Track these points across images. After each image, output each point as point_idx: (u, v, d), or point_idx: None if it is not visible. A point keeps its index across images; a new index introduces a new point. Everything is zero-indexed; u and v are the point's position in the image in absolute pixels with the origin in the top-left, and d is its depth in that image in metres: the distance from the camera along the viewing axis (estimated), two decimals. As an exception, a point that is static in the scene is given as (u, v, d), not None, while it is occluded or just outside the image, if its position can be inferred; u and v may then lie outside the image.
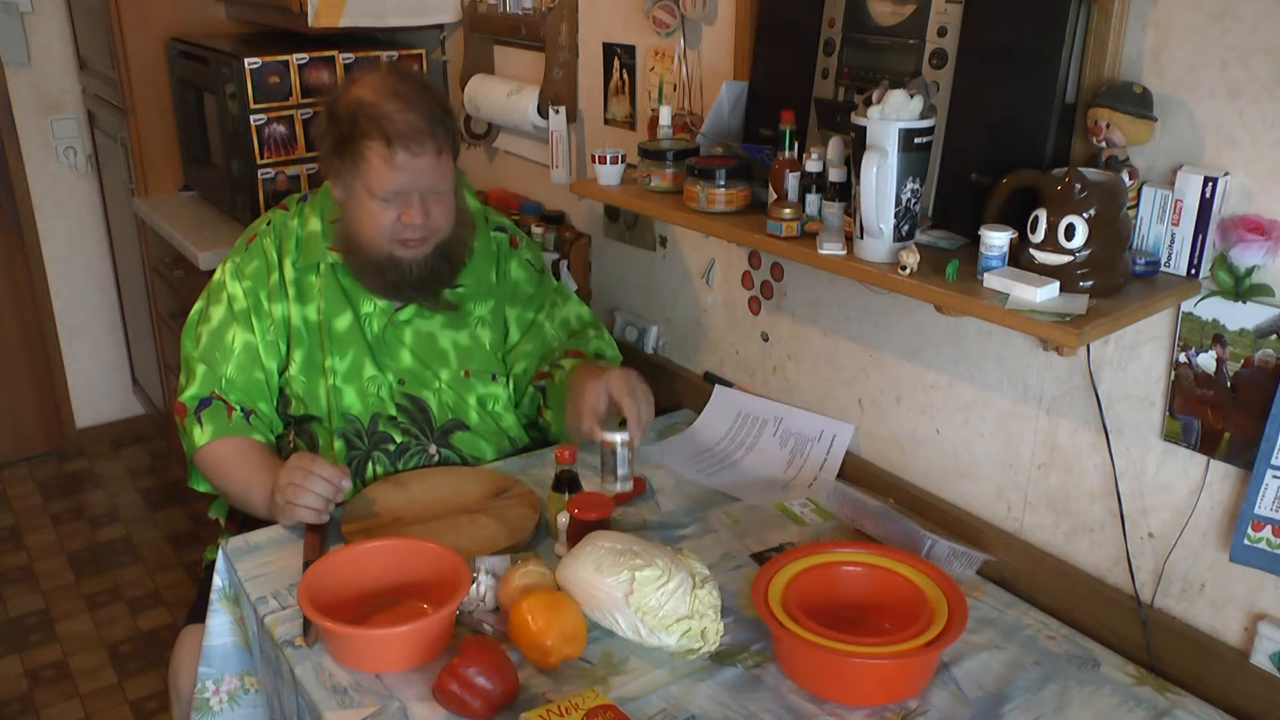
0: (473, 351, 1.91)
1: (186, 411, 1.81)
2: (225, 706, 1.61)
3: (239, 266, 1.87)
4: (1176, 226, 1.30)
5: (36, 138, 3.63)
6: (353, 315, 1.85)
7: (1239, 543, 1.31)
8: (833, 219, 1.51)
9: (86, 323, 3.89)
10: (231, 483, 1.78)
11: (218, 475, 1.80)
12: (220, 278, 1.89)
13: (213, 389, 1.81)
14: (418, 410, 1.88)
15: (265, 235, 1.89)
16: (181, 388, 1.85)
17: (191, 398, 1.82)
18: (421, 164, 1.71)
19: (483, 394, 1.92)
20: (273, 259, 1.86)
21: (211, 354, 1.83)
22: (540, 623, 1.35)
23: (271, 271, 1.85)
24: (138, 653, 2.86)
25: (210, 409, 1.80)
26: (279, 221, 1.90)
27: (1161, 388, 1.38)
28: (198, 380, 1.82)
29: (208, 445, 1.79)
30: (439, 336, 1.90)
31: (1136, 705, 1.33)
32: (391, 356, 1.87)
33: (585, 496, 1.59)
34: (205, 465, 1.81)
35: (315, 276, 1.85)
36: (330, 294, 1.85)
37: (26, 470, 3.83)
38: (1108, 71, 1.33)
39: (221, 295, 1.86)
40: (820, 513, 1.75)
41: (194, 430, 1.79)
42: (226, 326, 1.84)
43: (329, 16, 2.59)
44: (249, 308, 1.84)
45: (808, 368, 1.92)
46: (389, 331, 1.87)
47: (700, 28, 1.95)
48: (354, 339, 1.85)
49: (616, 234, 2.30)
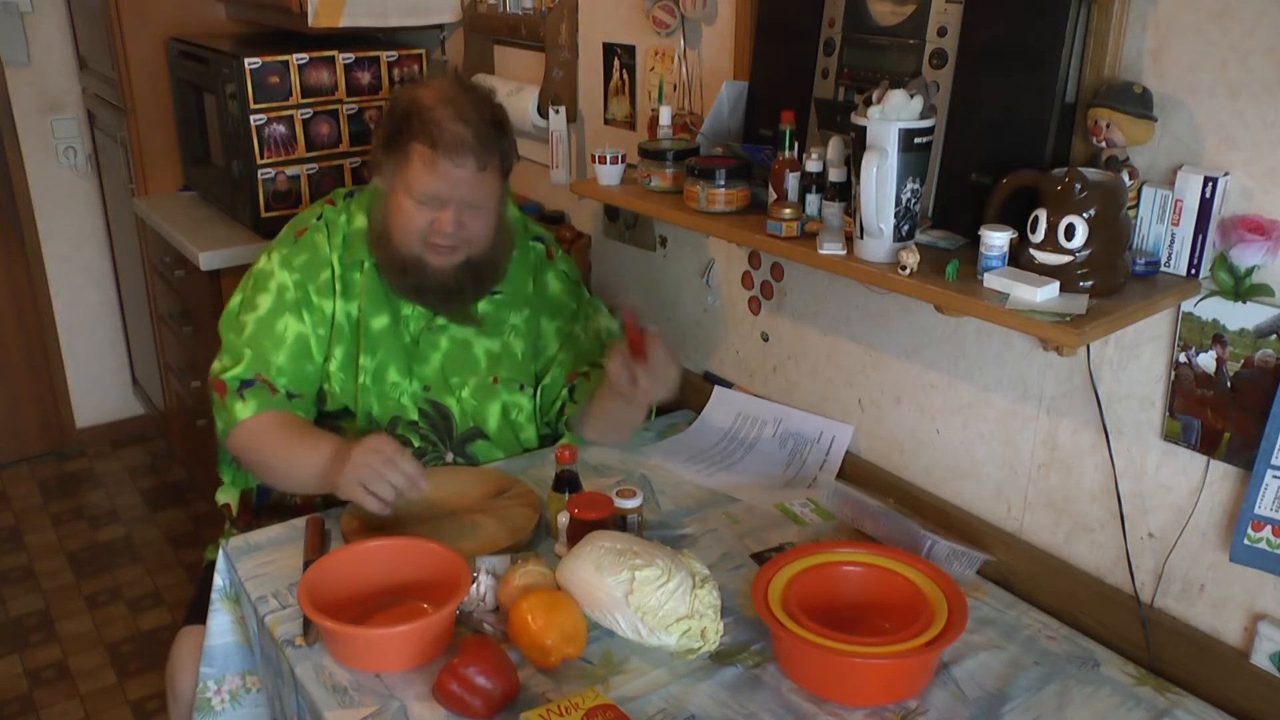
0: (503, 359, 1.92)
1: (227, 389, 1.77)
2: (227, 706, 1.62)
3: (287, 258, 1.84)
4: (1176, 226, 1.30)
5: (36, 138, 3.63)
6: (390, 317, 1.85)
7: (1239, 543, 1.31)
8: (833, 219, 1.51)
9: (86, 323, 3.89)
10: (276, 453, 1.74)
11: (260, 447, 1.75)
12: (266, 267, 1.85)
13: (259, 372, 1.78)
14: (439, 417, 1.88)
15: (316, 230, 1.87)
16: (223, 368, 1.79)
17: (234, 377, 1.77)
18: (461, 175, 1.72)
19: (507, 402, 1.92)
20: (324, 254, 1.84)
21: (260, 341, 1.79)
22: (540, 622, 1.35)
23: (323, 267, 1.84)
24: (138, 653, 2.86)
25: (254, 388, 1.77)
26: (328, 218, 1.88)
27: (1161, 388, 1.38)
28: (245, 363, 1.78)
29: (251, 418, 1.75)
30: (474, 344, 1.90)
31: (1136, 705, 1.33)
32: (423, 362, 1.87)
33: (585, 496, 1.59)
34: (245, 438, 1.76)
35: (359, 274, 1.85)
36: (372, 293, 1.84)
37: (26, 470, 3.83)
38: (1108, 71, 1.33)
39: (269, 284, 1.83)
40: (820, 513, 1.75)
41: (235, 405, 1.75)
42: (277, 315, 1.81)
43: (329, 16, 2.59)
44: (300, 299, 1.82)
45: (808, 368, 1.92)
46: (425, 336, 1.86)
47: (700, 28, 1.95)
48: (385, 341, 1.84)
49: (616, 234, 2.30)
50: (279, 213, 2.74)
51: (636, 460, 1.91)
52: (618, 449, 1.94)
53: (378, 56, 2.77)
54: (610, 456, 1.92)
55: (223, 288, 2.77)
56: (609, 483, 1.80)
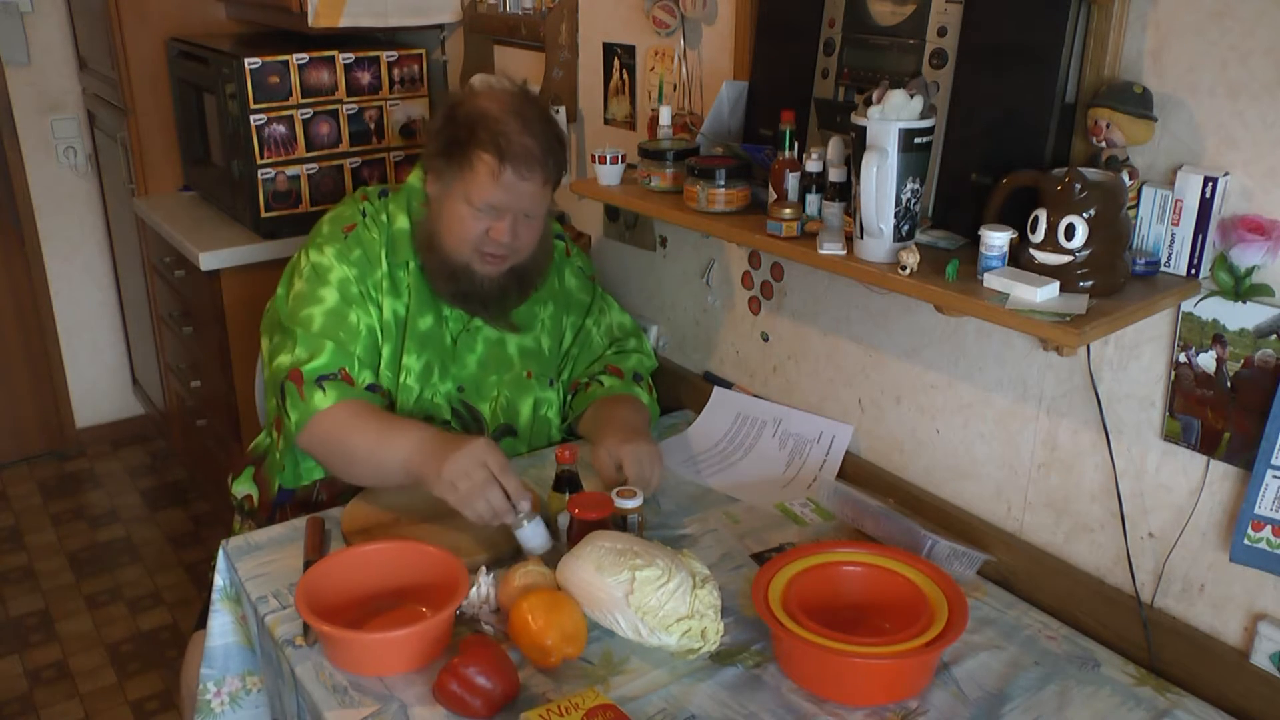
0: (536, 354, 1.94)
1: (305, 380, 1.71)
2: (227, 708, 1.61)
3: (343, 253, 1.80)
4: (1176, 226, 1.30)
5: (36, 138, 3.63)
6: (434, 317, 1.85)
7: (1239, 543, 1.31)
8: (833, 219, 1.51)
9: (86, 323, 3.89)
10: (361, 441, 1.67)
11: (342, 436, 1.69)
12: (323, 261, 1.80)
13: (343, 366, 1.74)
14: (471, 419, 1.89)
15: (366, 228, 1.84)
16: (299, 360, 1.72)
17: (314, 369, 1.72)
18: (526, 188, 1.73)
19: (539, 398, 1.95)
20: (378, 252, 1.83)
21: (336, 333, 1.75)
22: (540, 622, 1.35)
23: (376, 265, 1.83)
24: (138, 653, 2.86)
25: (333, 380, 1.72)
26: (372, 214, 1.86)
27: (1161, 388, 1.38)
28: (327, 355, 1.72)
29: (332, 407, 1.70)
30: (507, 342, 1.91)
31: (1137, 705, 1.33)
32: (459, 363, 1.88)
33: (585, 496, 1.59)
34: (326, 427, 1.70)
35: (405, 274, 1.84)
36: (419, 293, 1.84)
37: (26, 470, 3.83)
38: (1108, 71, 1.33)
39: (330, 277, 1.79)
40: (820, 513, 1.75)
41: (314, 395, 1.70)
42: (346, 308, 1.78)
43: (329, 16, 2.59)
44: (362, 294, 1.80)
45: (807, 368, 1.92)
46: (462, 338, 1.87)
47: (700, 28, 1.95)
48: (429, 342, 1.85)
49: (616, 234, 2.30)
50: (279, 213, 2.74)
51: (636, 460, 1.91)
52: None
53: (378, 56, 2.77)
54: (610, 456, 1.92)
55: (223, 288, 2.77)
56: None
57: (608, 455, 1.72)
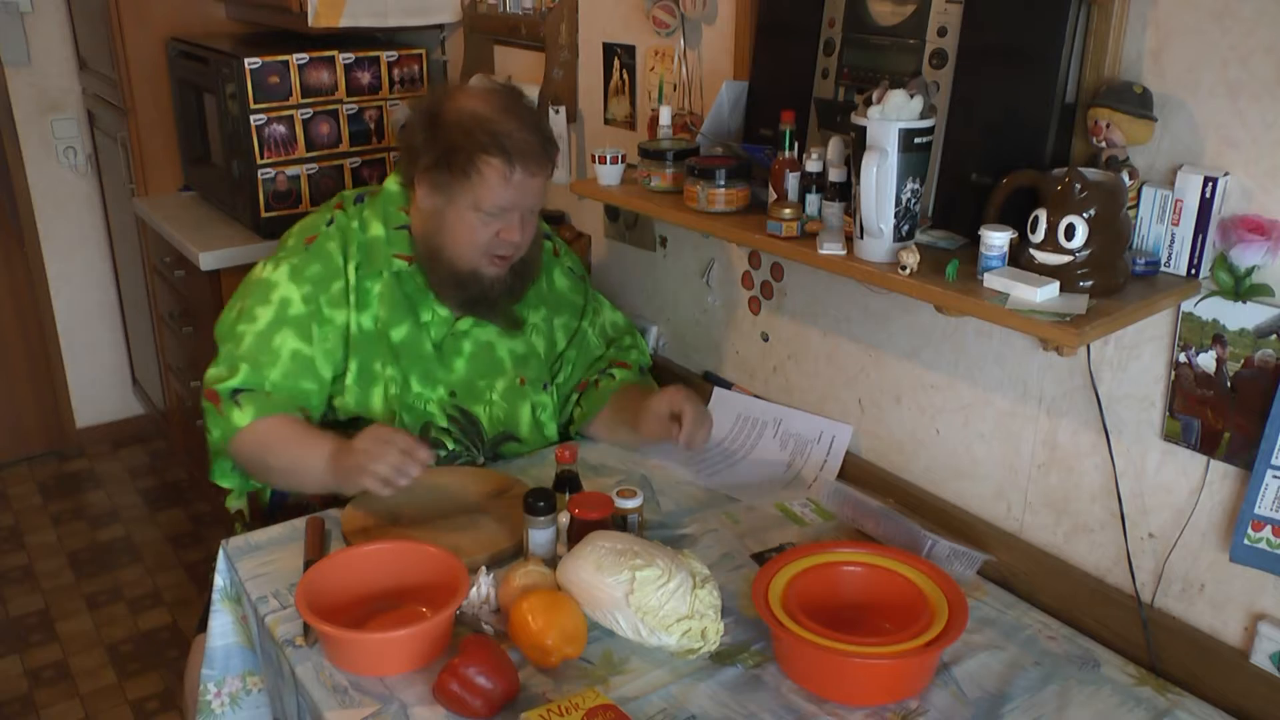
0: (528, 359, 1.92)
1: (221, 397, 1.73)
2: (227, 709, 1.61)
3: (297, 269, 1.79)
4: (1176, 226, 1.30)
5: (36, 138, 3.62)
6: (411, 325, 1.82)
7: (1239, 543, 1.31)
8: (833, 219, 1.51)
9: (86, 323, 3.89)
10: (281, 456, 1.70)
11: (263, 452, 1.72)
12: (270, 278, 1.80)
13: (254, 387, 1.74)
14: (468, 423, 1.87)
15: (329, 238, 1.81)
16: (217, 378, 1.75)
17: (228, 388, 1.73)
18: (534, 185, 1.72)
19: (535, 402, 1.92)
20: (337, 264, 1.80)
21: (256, 356, 1.75)
22: (540, 622, 1.35)
23: (335, 278, 1.79)
24: (138, 653, 2.85)
25: (248, 394, 1.73)
26: (340, 224, 1.83)
27: (1161, 388, 1.38)
28: (240, 377, 1.73)
29: (251, 424, 1.71)
30: (497, 346, 1.89)
31: (1137, 705, 1.33)
32: (447, 368, 1.85)
33: (585, 496, 1.59)
34: (247, 444, 1.72)
35: (376, 283, 1.81)
36: (391, 302, 1.81)
37: (26, 470, 3.83)
38: (1108, 71, 1.33)
39: (271, 296, 1.78)
40: (820, 513, 1.75)
41: (232, 413, 1.71)
42: (275, 330, 1.76)
43: (329, 16, 2.59)
44: (308, 314, 1.77)
45: (808, 368, 1.92)
46: (448, 341, 1.85)
47: (700, 28, 1.95)
48: (407, 351, 1.82)
49: (616, 234, 2.30)
50: (279, 213, 2.74)
51: (636, 460, 1.91)
52: (618, 449, 1.94)
53: (378, 56, 2.78)
54: (610, 456, 1.92)
55: (223, 288, 2.76)
56: (609, 483, 1.80)
57: (667, 404, 1.74)
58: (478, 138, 1.68)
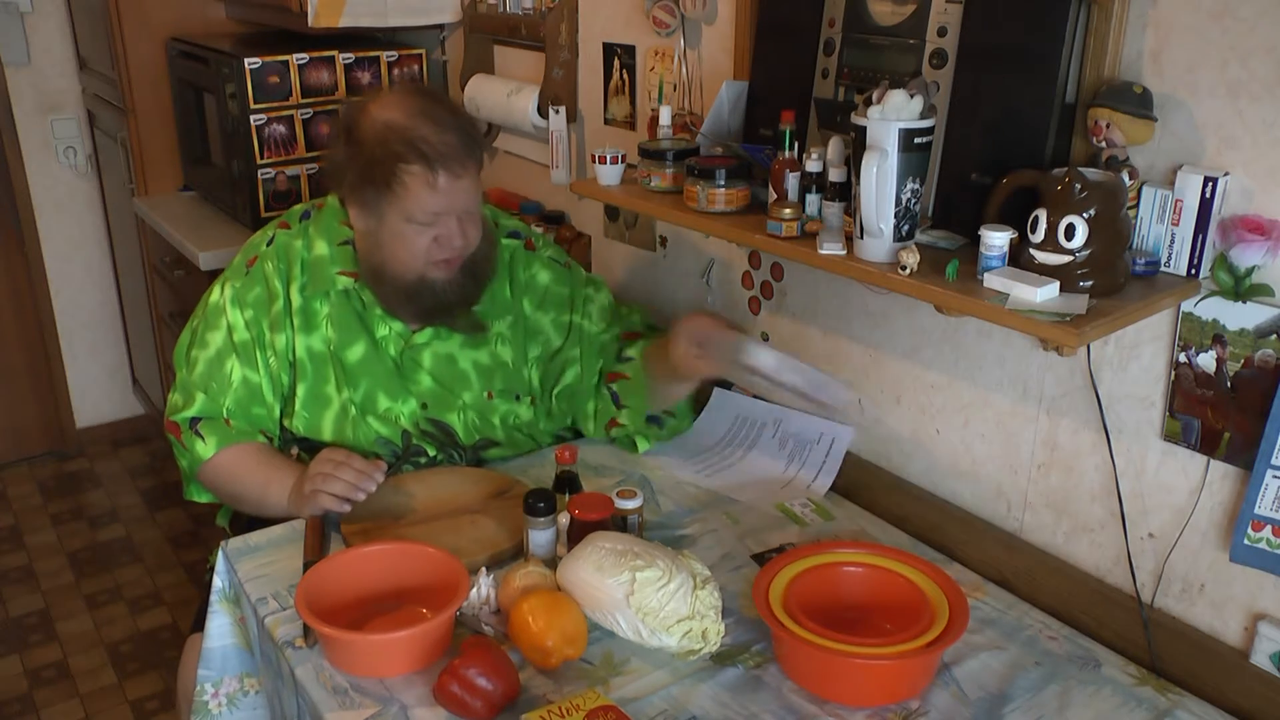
0: (494, 371, 1.86)
1: (181, 429, 1.77)
2: (224, 710, 1.61)
3: (239, 293, 1.79)
4: (1176, 226, 1.30)
5: (36, 138, 3.63)
6: (366, 343, 1.79)
7: (1239, 543, 1.31)
8: (833, 219, 1.51)
9: (86, 323, 3.89)
10: (246, 487, 1.74)
11: (229, 483, 1.76)
12: (218, 301, 1.80)
13: (211, 415, 1.77)
14: (443, 434, 1.85)
15: (267, 259, 1.79)
16: (175, 407, 1.78)
17: (185, 417, 1.77)
18: (462, 185, 1.67)
19: (505, 413, 1.88)
20: (275, 287, 1.78)
21: (209, 383, 1.77)
22: (541, 623, 1.35)
23: (275, 300, 1.77)
24: (138, 653, 2.86)
25: (208, 423, 1.76)
26: (281, 243, 1.80)
27: (1161, 388, 1.38)
28: (196, 405, 1.76)
29: (215, 456, 1.74)
30: (459, 358, 1.84)
31: (1138, 706, 1.33)
32: (412, 381, 1.82)
33: (585, 497, 1.59)
34: (214, 476, 1.76)
35: (323, 304, 1.79)
36: (342, 322, 1.78)
37: (26, 470, 3.83)
38: (1108, 71, 1.33)
39: (219, 321, 1.78)
40: (821, 513, 1.75)
41: (195, 445, 1.75)
42: (225, 356, 1.77)
43: (329, 16, 2.59)
44: (251, 340, 1.77)
45: (808, 368, 1.92)
46: (406, 355, 1.82)
47: (700, 28, 1.95)
48: (366, 370, 1.80)
49: (616, 234, 2.30)
50: (279, 213, 2.72)
51: (636, 461, 1.91)
52: (617, 449, 1.93)
53: (378, 56, 2.78)
54: (610, 457, 1.92)
55: (223, 288, 2.77)
56: (609, 483, 1.80)
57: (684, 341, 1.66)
58: (394, 148, 1.63)
